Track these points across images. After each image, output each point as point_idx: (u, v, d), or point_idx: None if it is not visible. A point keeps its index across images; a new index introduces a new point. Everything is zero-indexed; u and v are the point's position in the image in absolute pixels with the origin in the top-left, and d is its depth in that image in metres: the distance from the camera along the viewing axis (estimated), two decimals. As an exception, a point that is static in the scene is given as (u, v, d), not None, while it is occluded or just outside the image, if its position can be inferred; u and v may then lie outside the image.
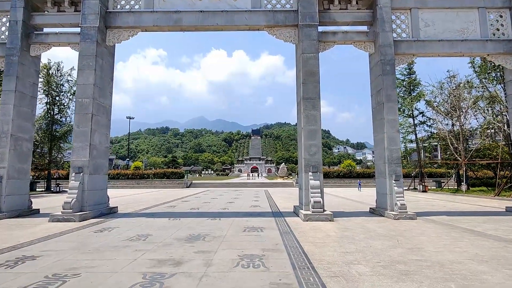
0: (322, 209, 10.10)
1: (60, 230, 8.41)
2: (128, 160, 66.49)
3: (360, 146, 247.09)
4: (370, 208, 12.56)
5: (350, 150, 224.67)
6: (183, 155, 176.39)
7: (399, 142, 11.76)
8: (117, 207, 12.69)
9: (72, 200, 10.22)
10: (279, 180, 48.63)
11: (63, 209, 10.11)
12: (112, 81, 12.83)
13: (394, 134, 11.26)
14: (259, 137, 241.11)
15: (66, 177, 36.27)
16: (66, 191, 27.97)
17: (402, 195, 10.66)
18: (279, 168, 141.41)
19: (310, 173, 10.63)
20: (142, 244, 6.61)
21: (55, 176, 32.21)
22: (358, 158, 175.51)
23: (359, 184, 30.82)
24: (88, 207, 10.69)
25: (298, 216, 10.74)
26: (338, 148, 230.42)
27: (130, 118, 61.05)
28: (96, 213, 10.95)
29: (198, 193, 25.67)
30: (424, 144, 31.36)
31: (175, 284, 4.18)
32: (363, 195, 22.61)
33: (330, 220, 9.84)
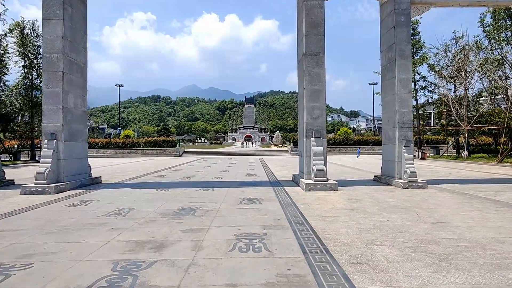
0: (325, 178, 9.19)
1: (30, 203, 7.35)
2: (119, 129, 64.65)
3: (354, 114, 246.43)
4: (374, 176, 11.74)
5: (343, 118, 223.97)
6: (176, 123, 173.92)
7: (411, 104, 10.66)
8: (100, 177, 11.62)
9: (46, 170, 9.06)
10: (274, 148, 47.92)
11: (36, 180, 8.99)
12: (86, 34, 11.16)
13: (406, 95, 10.11)
14: (253, 106, 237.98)
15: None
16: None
17: (412, 162, 9.77)
18: (273, 136, 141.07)
19: (313, 139, 9.57)
20: (121, 221, 5.61)
21: (39, 146, 30.76)
22: (352, 126, 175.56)
23: (358, 152, 30.17)
24: (66, 177, 9.58)
25: (299, 186, 9.86)
26: (332, 116, 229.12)
27: (119, 86, 58.52)
28: (75, 184, 9.87)
29: (191, 161, 24.72)
30: (426, 110, 30.36)
31: (152, 278, 3.19)
32: (363, 163, 21.94)
33: (334, 190, 8.97)
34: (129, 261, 3.64)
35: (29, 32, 26.90)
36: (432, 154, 28.42)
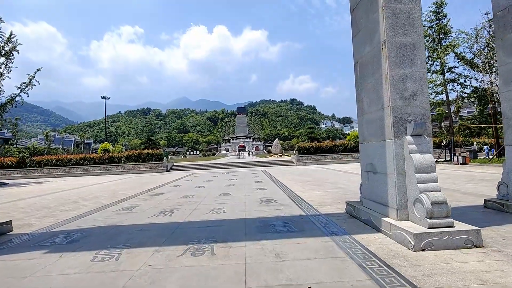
0: (449, 219, 4.38)
1: None
2: (110, 144, 59.37)
3: (346, 121, 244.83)
4: (485, 201, 6.98)
5: (337, 125, 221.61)
6: (167, 136, 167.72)
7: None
8: (10, 222, 6.57)
9: None
10: (274, 158, 43.11)
11: None
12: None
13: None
14: (245, 115, 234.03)
15: (16, 166, 29.40)
16: (5, 183, 21.35)
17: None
18: (267, 145, 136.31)
19: (409, 138, 4.80)
20: None
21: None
22: (347, 132, 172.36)
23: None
24: None
25: (379, 231, 5.04)
26: (325, 123, 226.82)
27: (105, 98, 53.67)
28: None
29: (179, 178, 19.67)
30: (460, 107, 26.04)
31: None
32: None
33: (476, 245, 4.18)
34: None
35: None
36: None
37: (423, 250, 4.11)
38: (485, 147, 25.07)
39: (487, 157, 22.69)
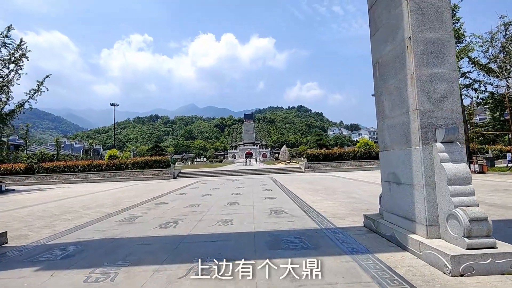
0: (491, 238, 3.82)
1: None
2: (117, 150, 59.69)
3: (354, 128, 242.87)
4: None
5: (345, 132, 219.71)
6: (174, 142, 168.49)
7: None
8: (5, 233, 6.20)
9: None
10: (282, 165, 42.52)
11: None
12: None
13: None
14: (252, 122, 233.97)
15: (25, 172, 29.47)
16: (12, 190, 21.27)
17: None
18: (274, 152, 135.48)
19: (440, 146, 4.27)
20: None
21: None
22: (355, 139, 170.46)
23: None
24: None
25: (406, 250, 4.48)
26: (333, 130, 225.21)
27: (114, 105, 54.05)
28: None
29: (186, 186, 19.26)
30: (474, 114, 25.19)
31: None
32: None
33: (523, 271, 3.61)
34: None
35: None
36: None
37: (462, 275, 3.55)
38: (508, 154, 24.03)
39: (507, 165, 21.71)
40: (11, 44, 21.84)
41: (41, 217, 9.27)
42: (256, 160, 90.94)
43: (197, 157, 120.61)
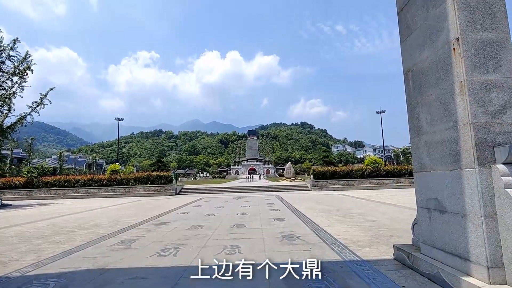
0: None
1: None
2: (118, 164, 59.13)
3: (358, 145, 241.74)
4: None
5: (349, 149, 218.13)
6: (177, 157, 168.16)
7: None
8: (-20, 261, 5.41)
9: None
10: (287, 182, 41.48)
11: None
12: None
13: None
14: (256, 138, 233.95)
15: (24, 186, 28.77)
16: (9, 205, 20.49)
17: None
18: (278, 169, 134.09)
19: (501, 167, 3.47)
20: None
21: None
22: (359, 156, 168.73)
23: None
24: None
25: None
26: (337, 147, 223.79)
27: (119, 120, 53.89)
28: None
29: (188, 204, 18.37)
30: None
31: None
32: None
33: None
34: None
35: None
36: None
37: None
38: None
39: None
40: (16, 56, 21.70)
41: (29, 238, 8.45)
42: (259, 177, 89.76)
43: (200, 172, 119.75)
